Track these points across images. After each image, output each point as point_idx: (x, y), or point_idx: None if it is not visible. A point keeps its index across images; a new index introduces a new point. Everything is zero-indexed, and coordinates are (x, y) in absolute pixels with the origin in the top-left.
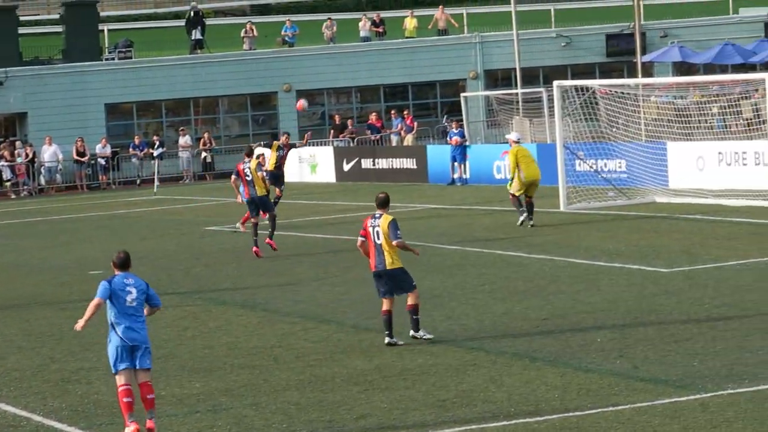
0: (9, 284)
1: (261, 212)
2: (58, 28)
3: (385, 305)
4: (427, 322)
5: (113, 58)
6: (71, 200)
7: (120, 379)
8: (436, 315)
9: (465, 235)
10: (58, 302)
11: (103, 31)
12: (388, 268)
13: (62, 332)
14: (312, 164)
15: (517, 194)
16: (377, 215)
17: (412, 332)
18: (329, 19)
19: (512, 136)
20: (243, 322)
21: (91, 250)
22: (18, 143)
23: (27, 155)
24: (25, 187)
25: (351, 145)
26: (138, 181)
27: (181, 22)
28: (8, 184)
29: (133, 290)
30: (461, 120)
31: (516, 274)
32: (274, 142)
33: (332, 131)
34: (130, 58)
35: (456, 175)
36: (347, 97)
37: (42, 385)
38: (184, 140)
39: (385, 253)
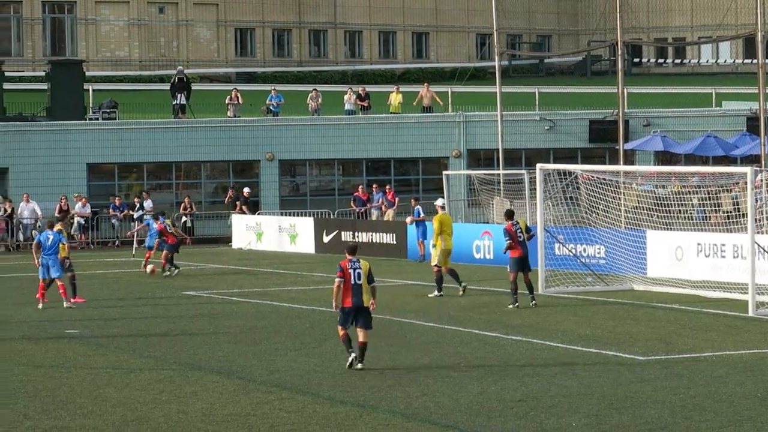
0: None
1: None
2: (44, 86)
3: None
4: (402, 398)
5: (97, 118)
6: None
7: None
8: (411, 391)
9: (441, 313)
10: (31, 361)
11: (88, 90)
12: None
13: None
14: (292, 234)
15: (443, 267)
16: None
17: None
18: (314, 90)
19: (439, 201)
20: (218, 389)
21: (67, 309)
22: None
23: (6, 211)
24: (2, 242)
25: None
26: (116, 242)
27: (167, 86)
28: None
29: None
30: (418, 197)
31: (492, 354)
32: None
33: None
34: (114, 119)
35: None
36: (329, 169)
37: None
38: (149, 204)
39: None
